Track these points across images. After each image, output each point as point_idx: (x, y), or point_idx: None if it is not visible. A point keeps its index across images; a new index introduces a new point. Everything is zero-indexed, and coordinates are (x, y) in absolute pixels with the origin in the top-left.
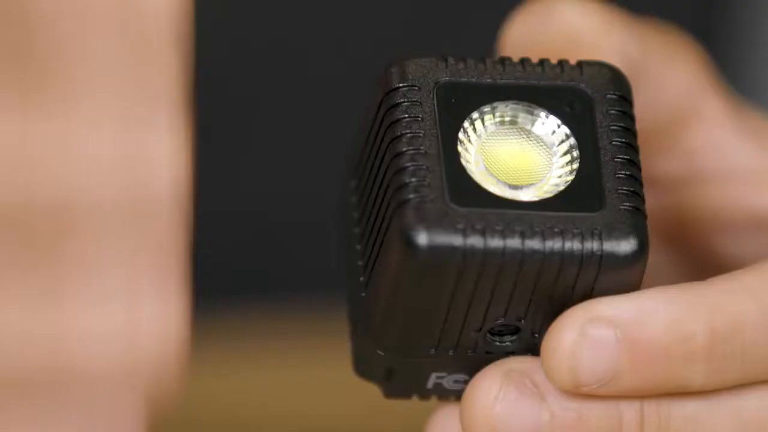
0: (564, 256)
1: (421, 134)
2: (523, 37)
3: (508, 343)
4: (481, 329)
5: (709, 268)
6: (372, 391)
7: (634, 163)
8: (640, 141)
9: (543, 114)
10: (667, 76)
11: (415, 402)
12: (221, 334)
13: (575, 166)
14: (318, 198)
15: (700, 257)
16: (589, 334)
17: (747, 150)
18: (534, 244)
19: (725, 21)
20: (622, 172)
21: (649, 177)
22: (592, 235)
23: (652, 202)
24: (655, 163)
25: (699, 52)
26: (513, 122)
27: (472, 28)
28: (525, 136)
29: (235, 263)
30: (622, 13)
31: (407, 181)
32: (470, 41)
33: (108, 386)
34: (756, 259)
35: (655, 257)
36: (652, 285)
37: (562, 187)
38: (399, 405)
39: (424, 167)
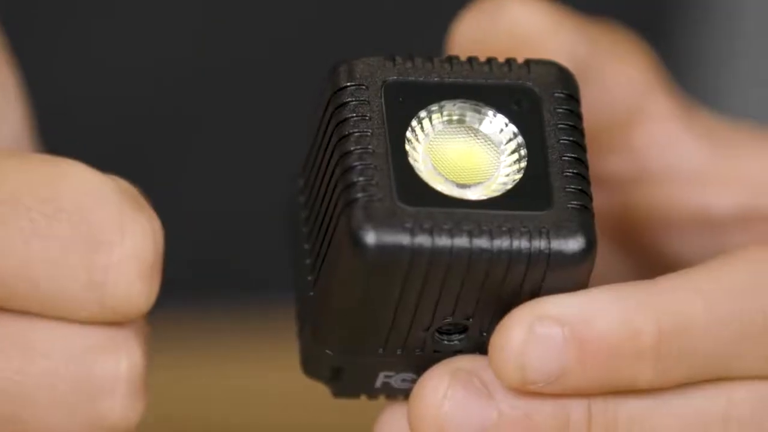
0: (512, 255)
1: (369, 133)
2: (472, 36)
3: (456, 342)
4: (429, 328)
5: (656, 268)
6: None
7: (581, 162)
8: (588, 140)
9: (490, 113)
10: (616, 76)
11: (365, 401)
12: (185, 337)
13: (523, 164)
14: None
15: (647, 256)
16: (537, 332)
17: (694, 149)
18: (482, 242)
19: (673, 20)
20: (570, 170)
21: (597, 176)
22: (540, 234)
23: (599, 201)
24: (602, 162)
25: (648, 52)
26: (461, 121)
27: (422, 27)
28: (472, 134)
29: (198, 264)
30: (571, 13)
31: (355, 180)
32: (419, 40)
33: None
34: (703, 258)
35: (602, 256)
36: (600, 284)
37: (509, 186)
38: (353, 405)
39: (372, 166)
